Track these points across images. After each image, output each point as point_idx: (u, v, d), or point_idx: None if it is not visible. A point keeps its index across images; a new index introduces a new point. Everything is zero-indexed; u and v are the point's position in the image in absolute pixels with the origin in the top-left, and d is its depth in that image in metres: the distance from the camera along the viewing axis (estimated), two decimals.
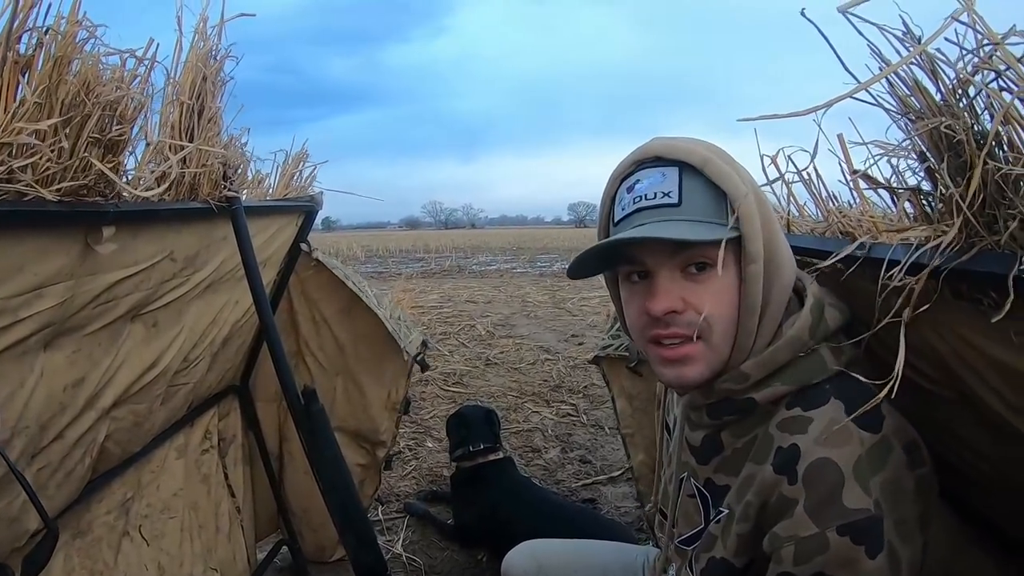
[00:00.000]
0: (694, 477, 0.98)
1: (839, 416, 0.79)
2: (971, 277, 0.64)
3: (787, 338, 0.85)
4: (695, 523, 0.97)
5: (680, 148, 0.86)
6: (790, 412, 0.83)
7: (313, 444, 1.39)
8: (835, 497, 0.75)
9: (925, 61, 0.67)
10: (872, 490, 0.74)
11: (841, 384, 0.83)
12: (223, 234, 1.38)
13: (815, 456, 0.77)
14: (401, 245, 31.34)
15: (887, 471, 0.76)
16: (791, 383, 0.84)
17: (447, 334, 7.07)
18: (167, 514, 1.71)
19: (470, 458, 2.81)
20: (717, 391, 0.89)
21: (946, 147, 0.65)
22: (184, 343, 1.44)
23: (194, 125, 1.19)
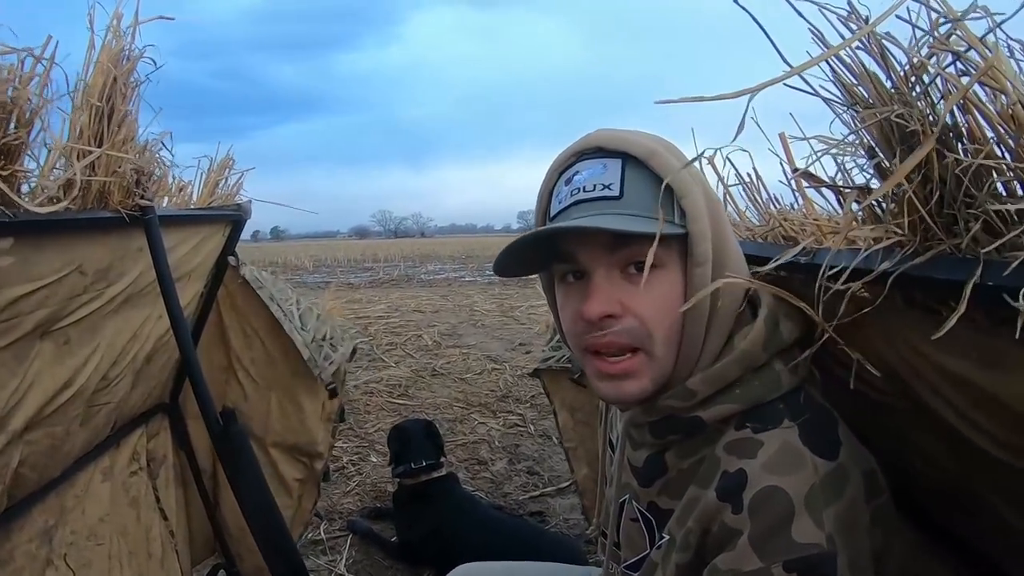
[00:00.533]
0: (636, 500, 0.91)
1: (792, 440, 0.72)
2: (926, 284, 0.58)
3: (738, 352, 0.77)
4: (640, 548, 0.90)
5: (624, 139, 0.79)
6: (739, 433, 0.76)
7: (234, 468, 1.33)
8: (783, 529, 0.67)
9: (873, 44, 0.60)
10: (825, 523, 0.67)
11: (795, 403, 0.77)
12: (138, 245, 1.29)
13: (763, 484, 0.70)
14: (350, 254, 31.08)
15: (842, 503, 0.69)
16: (741, 401, 0.77)
17: (393, 344, 6.97)
18: (94, 541, 1.60)
19: (412, 475, 2.75)
20: (660, 408, 0.82)
21: (898, 140, 0.59)
22: (102, 361, 1.36)
23: (103, 130, 1.13)
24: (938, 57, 0.56)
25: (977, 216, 0.53)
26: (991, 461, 0.63)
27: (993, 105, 0.53)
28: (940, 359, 0.62)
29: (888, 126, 0.60)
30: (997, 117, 0.53)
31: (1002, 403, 0.56)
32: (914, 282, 0.58)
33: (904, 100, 0.58)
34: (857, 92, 0.64)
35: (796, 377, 0.78)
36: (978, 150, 0.53)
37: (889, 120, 0.59)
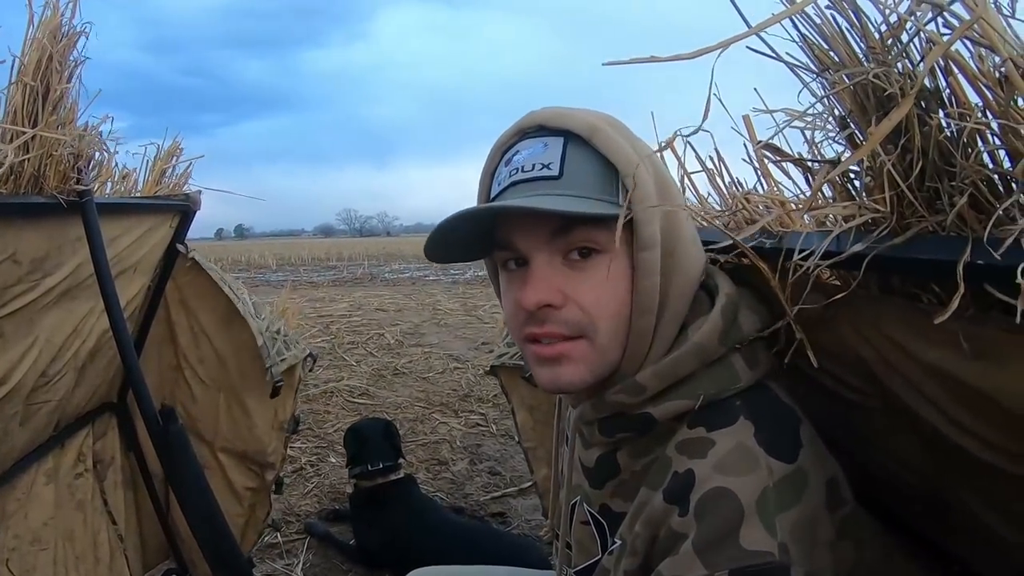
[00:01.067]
0: (587, 502, 0.85)
1: (746, 439, 0.66)
2: (906, 266, 0.53)
3: (691, 344, 0.71)
4: (591, 553, 0.84)
5: (567, 115, 0.73)
6: (692, 432, 0.70)
7: (173, 469, 1.27)
8: (731, 536, 0.61)
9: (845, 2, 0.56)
10: (778, 530, 0.61)
11: (754, 400, 0.71)
12: (79, 234, 1.23)
13: (712, 485, 0.64)
14: (314, 253, 30.74)
15: (799, 509, 0.63)
16: (694, 398, 0.71)
17: (355, 343, 6.90)
18: (38, 546, 1.54)
19: (369, 477, 2.68)
20: (609, 403, 0.76)
21: (875, 105, 0.54)
22: (40, 356, 1.29)
23: (38, 110, 1.07)
24: (917, 14, 0.51)
25: (963, 189, 0.48)
26: (972, 464, 0.59)
27: (979, 65, 0.49)
28: (919, 351, 0.57)
29: (863, 91, 0.55)
30: (983, 78, 0.48)
31: (990, 399, 0.51)
32: (892, 265, 0.54)
33: (881, 61, 0.54)
34: (828, 57, 0.59)
35: (756, 373, 0.73)
36: (963, 115, 0.48)
37: (864, 84, 0.54)
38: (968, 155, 0.48)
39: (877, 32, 0.55)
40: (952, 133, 0.50)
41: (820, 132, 0.64)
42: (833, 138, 0.63)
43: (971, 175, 0.48)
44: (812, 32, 0.59)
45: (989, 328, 0.48)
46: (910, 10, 0.51)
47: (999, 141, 0.48)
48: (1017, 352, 0.47)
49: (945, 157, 0.50)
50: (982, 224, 0.46)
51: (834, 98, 0.61)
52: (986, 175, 0.48)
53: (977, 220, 0.48)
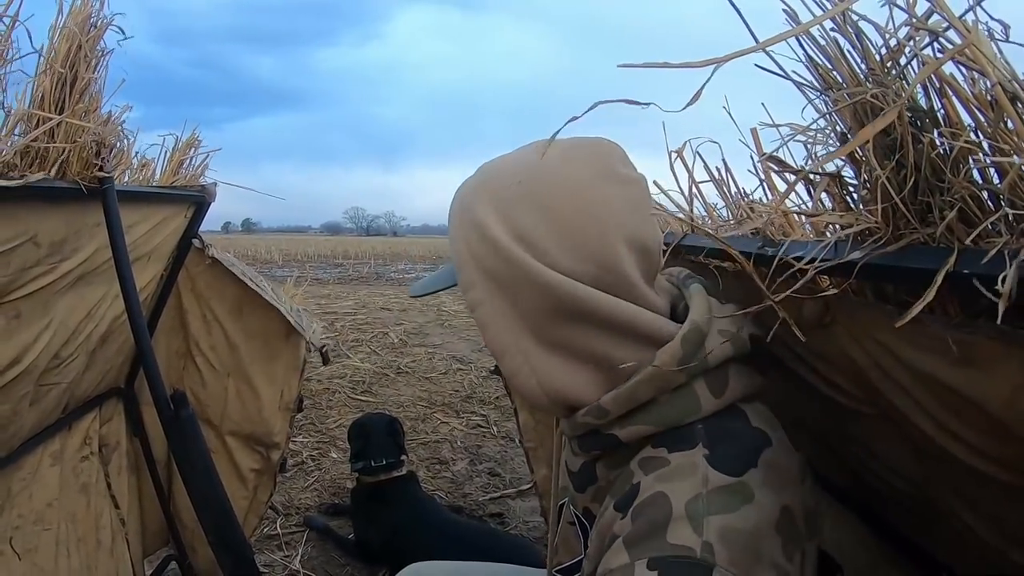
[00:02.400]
0: (573, 504, 0.91)
1: (696, 460, 0.69)
2: (898, 274, 0.55)
3: (648, 371, 0.73)
4: (575, 552, 0.90)
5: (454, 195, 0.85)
6: (654, 451, 0.73)
7: (183, 454, 1.29)
8: (658, 531, 0.64)
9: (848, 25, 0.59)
10: (705, 531, 0.62)
11: (715, 426, 0.73)
12: (96, 220, 1.25)
13: (650, 492, 0.68)
14: (321, 250, 30.72)
15: (734, 517, 0.63)
16: (655, 423, 0.74)
17: (359, 341, 6.91)
18: (41, 526, 1.55)
19: (371, 473, 2.71)
20: (580, 423, 0.80)
21: None
22: (53, 338, 1.31)
23: (65, 97, 1.09)
24: (916, 39, 0.54)
25: (952, 203, 0.51)
26: (960, 469, 0.61)
27: (971, 88, 0.52)
28: (912, 357, 0.60)
29: (862, 109, 0.58)
30: (974, 100, 0.51)
31: (976, 405, 0.53)
32: (886, 273, 0.56)
33: (879, 82, 0.57)
34: (831, 76, 0.62)
35: (722, 399, 0.74)
36: (955, 134, 0.51)
37: (864, 103, 0.57)
38: (958, 172, 0.51)
39: (878, 54, 0.58)
40: (944, 151, 0.52)
41: (822, 146, 0.68)
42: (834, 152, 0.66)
43: (961, 191, 0.50)
44: (817, 52, 0.62)
45: (975, 335, 0.50)
46: (908, 35, 0.55)
47: (988, 159, 0.51)
48: (1000, 358, 0.49)
49: (937, 173, 0.53)
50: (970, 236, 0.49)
51: (836, 115, 0.63)
52: (975, 191, 0.50)
53: (965, 233, 0.50)
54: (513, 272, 0.75)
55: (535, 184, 0.75)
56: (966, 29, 0.50)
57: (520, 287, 0.75)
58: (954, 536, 0.75)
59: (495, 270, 0.76)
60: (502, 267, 0.75)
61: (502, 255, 0.75)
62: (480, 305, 0.78)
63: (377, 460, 2.72)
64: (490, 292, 0.77)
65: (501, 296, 0.77)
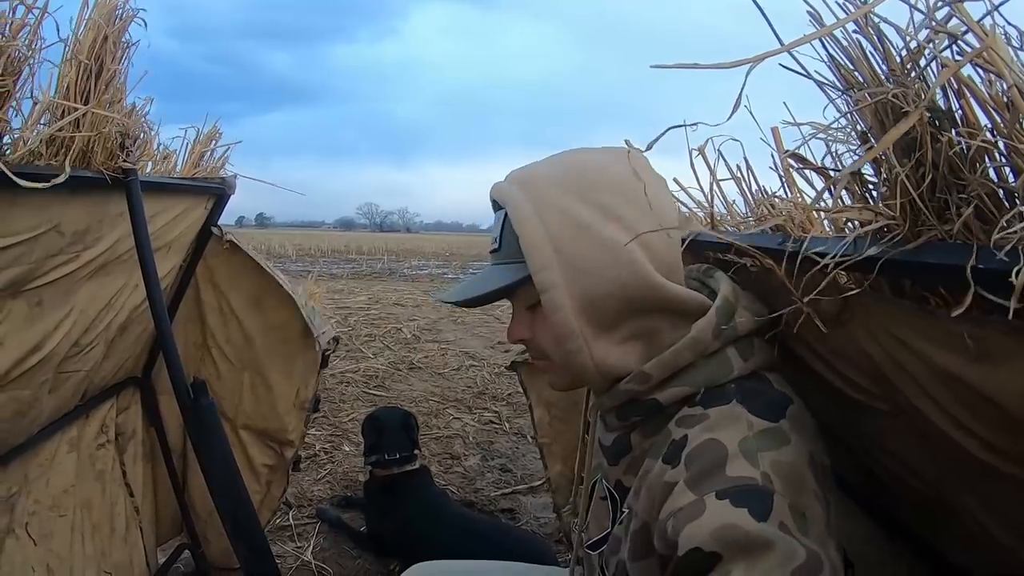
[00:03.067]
0: (606, 479, 0.95)
1: (735, 409, 0.76)
2: (916, 270, 0.57)
3: (688, 339, 0.81)
4: (604, 526, 0.94)
5: (498, 190, 0.88)
6: (691, 410, 0.80)
7: (202, 442, 1.30)
8: (717, 469, 0.69)
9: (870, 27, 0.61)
10: (761, 463, 0.69)
11: (747, 386, 0.80)
12: (119, 210, 1.27)
13: (700, 440, 0.74)
14: (334, 245, 30.82)
15: (780, 453, 0.70)
16: (693, 385, 0.81)
17: (372, 336, 6.93)
18: (56, 512, 1.58)
19: (385, 467, 2.71)
20: (622, 392, 0.86)
21: (892, 122, 0.59)
22: (74, 327, 1.33)
23: (91, 88, 1.10)
24: (935, 41, 0.56)
25: (969, 201, 0.53)
26: (971, 465, 0.62)
27: (988, 90, 0.53)
28: (927, 352, 0.61)
29: (883, 109, 0.60)
30: (991, 101, 0.53)
31: (989, 400, 0.54)
32: (904, 269, 0.58)
33: (900, 82, 0.58)
34: (853, 76, 0.64)
35: (750, 364, 0.82)
36: (972, 134, 0.53)
37: (884, 103, 0.59)
38: (975, 170, 0.53)
39: (898, 56, 0.60)
40: (961, 150, 0.54)
41: (842, 145, 0.70)
42: (854, 151, 0.68)
43: (977, 188, 0.52)
44: (839, 53, 0.64)
45: (989, 330, 0.52)
46: (928, 38, 0.56)
47: (1004, 159, 0.53)
48: (1014, 353, 0.50)
49: (954, 171, 0.54)
50: (986, 233, 0.51)
51: (857, 114, 0.65)
52: (991, 189, 0.52)
53: (982, 230, 0.52)
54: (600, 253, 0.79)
55: (604, 173, 0.82)
56: (984, 33, 0.52)
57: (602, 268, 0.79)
58: (966, 535, 0.75)
59: (575, 251, 0.80)
60: (586, 247, 0.80)
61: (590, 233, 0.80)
62: (553, 287, 0.80)
63: (391, 454, 2.72)
64: (564, 275, 0.80)
65: (575, 282, 0.80)
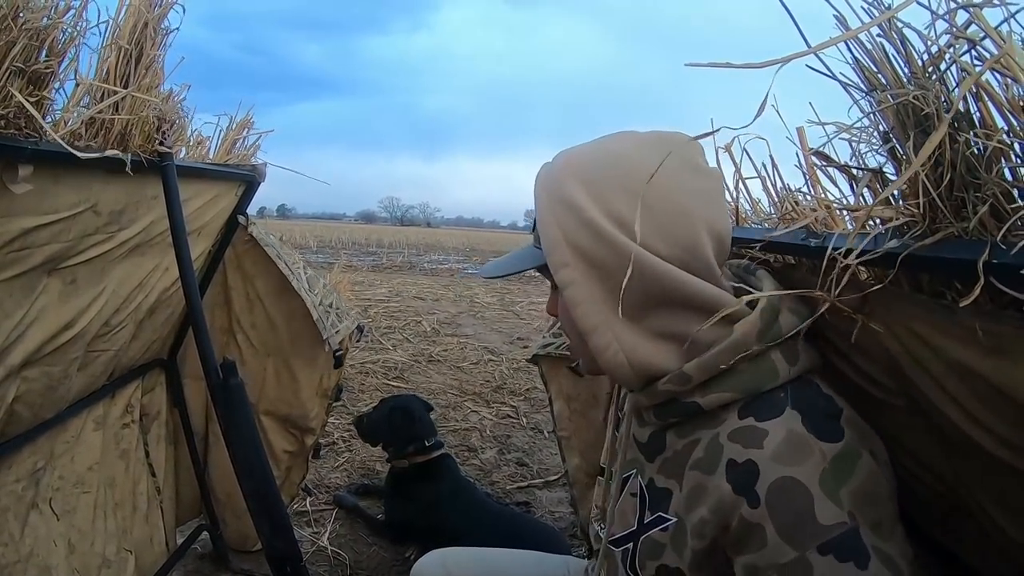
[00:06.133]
0: (640, 475, 0.94)
1: (796, 428, 0.74)
2: (934, 265, 0.59)
3: (730, 341, 0.79)
4: (628, 524, 0.93)
5: (537, 174, 0.89)
6: (743, 422, 0.78)
7: (229, 421, 1.32)
8: (807, 517, 0.69)
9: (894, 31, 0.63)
10: (844, 501, 0.69)
11: (797, 392, 0.78)
12: (154, 193, 1.30)
13: (776, 475, 0.71)
14: (355, 238, 30.91)
15: (855, 479, 0.70)
16: (737, 390, 0.79)
17: (392, 328, 6.97)
18: (80, 488, 1.61)
19: (425, 452, 2.71)
20: (660, 392, 0.85)
21: (913, 123, 0.61)
22: (105, 306, 1.36)
23: (130, 72, 1.12)
24: (955, 46, 0.58)
25: (985, 199, 0.55)
26: (987, 462, 0.63)
27: (1004, 93, 0.55)
28: (944, 346, 0.62)
29: (904, 110, 0.62)
30: (1008, 105, 0.55)
31: (1005, 394, 0.56)
32: (922, 264, 0.60)
33: (921, 84, 0.61)
34: (876, 79, 0.66)
35: (796, 367, 0.80)
36: (988, 135, 0.55)
37: (906, 104, 0.61)
38: (991, 170, 0.55)
39: (920, 59, 0.62)
40: (979, 151, 0.56)
41: (865, 144, 0.71)
42: (876, 150, 0.70)
43: (993, 188, 0.54)
44: (863, 55, 0.67)
45: (1004, 325, 0.54)
46: (948, 43, 0.59)
47: (1019, 159, 0.55)
48: None
49: (972, 171, 0.57)
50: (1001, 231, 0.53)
51: (879, 115, 0.67)
52: (1006, 188, 0.54)
53: (996, 227, 0.54)
54: (610, 253, 0.80)
55: (627, 172, 0.81)
56: (1001, 39, 0.54)
57: (615, 268, 0.79)
58: (979, 534, 0.76)
59: (590, 251, 0.81)
60: (598, 248, 0.81)
61: (600, 236, 0.80)
62: (573, 284, 0.82)
63: (429, 440, 2.73)
64: (583, 272, 0.82)
65: (595, 276, 0.82)
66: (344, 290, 3.09)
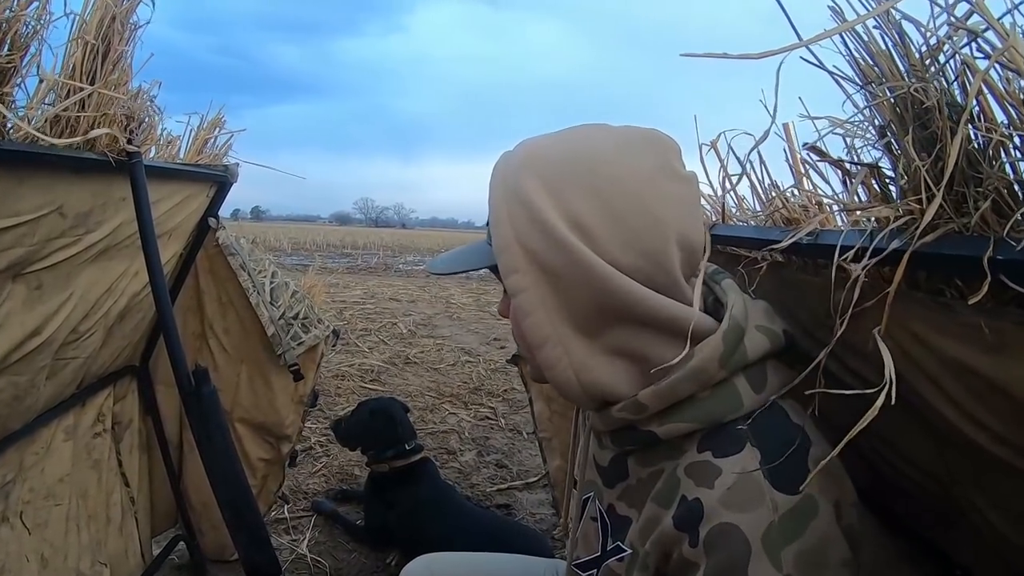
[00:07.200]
0: (599, 499, 0.90)
1: (751, 469, 0.68)
2: (934, 264, 0.57)
3: (689, 368, 0.72)
4: (592, 549, 0.88)
5: (496, 163, 0.82)
6: (700, 456, 0.73)
7: (203, 431, 1.28)
8: (739, 570, 0.64)
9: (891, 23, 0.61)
10: (784, 563, 0.64)
11: (762, 424, 0.72)
12: (122, 195, 1.25)
13: (720, 520, 0.67)
14: (329, 239, 30.75)
15: (804, 540, 0.65)
16: (696, 421, 0.73)
17: (368, 331, 6.93)
18: (52, 501, 1.56)
19: (404, 457, 2.67)
20: (615, 419, 0.79)
21: (912, 117, 0.59)
22: (73, 312, 1.31)
23: (97, 68, 1.08)
24: (954, 38, 0.57)
25: (987, 194, 0.54)
26: (983, 460, 0.62)
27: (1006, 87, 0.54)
28: (943, 345, 0.61)
29: (902, 104, 0.60)
30: (1009, 98, 0.54)
31: (1003, 391, 0.55)
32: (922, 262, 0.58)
33: (920, 77, 0.59)
34: (872, 71, 0.64)
35: (762, 395, 0.74)
36: (990, 129, 0.54)
37: (904, 97, 0.60)
38: (993, 165, 0.54)
39: (918, 52, 0.61)
40: (979, 145, 0.56)
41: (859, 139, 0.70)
42: (872, 145, 0.68)
43: (995, 182, 0.53)
44: (859, 48, 0.65)
45: (1005, 322, 0.53)
46: (948, 34, 0.58)
47: (1020, 153, 0.54)
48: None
49: (973, 166, 0.55)
50: (1003, 226, 0.52)
51: (875, 109, 0.66)
52: (1008, 182, 0.53)
53: (998, 223, 0.53)
54: (564, 261, 0.72)
55: (591, 170, 0.72)
56: (1005, 32, 0.53)
57: (569, 277, 0.72)
58: (972, 534, 0.75)
59: (544, 256, 0.73)
60: (552, 254, 0.72)
61: (554, 241, 0.72)
62: (523, 292, 0.75)
63: (409, 444, 2.69)
64: (535, 279, 0.74)
65: (546, 284, 0.74)
66: (319, 293, 3.06)
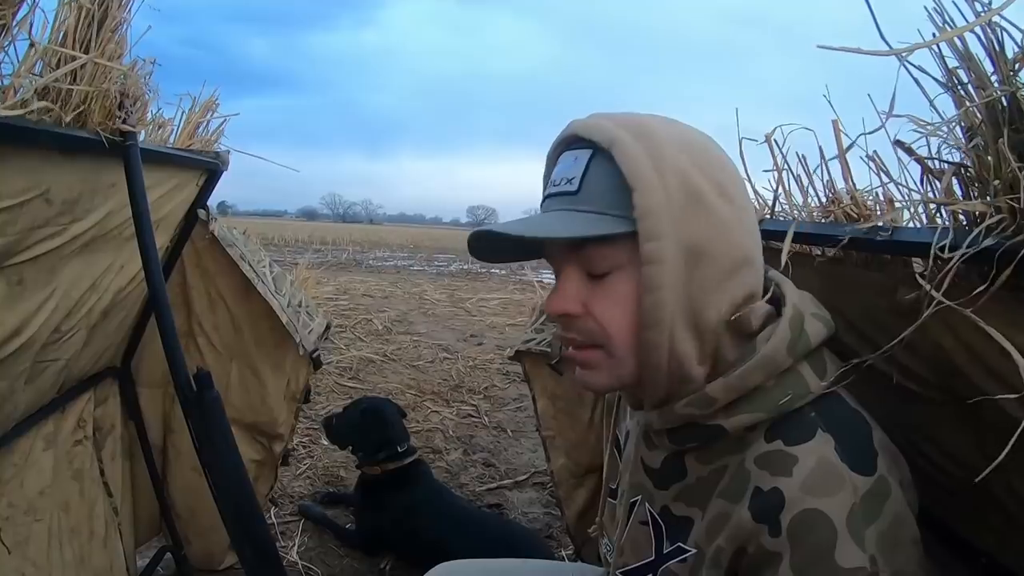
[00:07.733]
0: (649, 502, 0.86)
1: (828, 455, 0.67)
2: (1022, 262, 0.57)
3: (760, 357, 0.71)
4: (643, 554, 0.85)
5: (595, 127, 0.73)
6: (770, 445, 0.71)
7: (206, 439, 1.18)
8: (827, 555, 0.63)
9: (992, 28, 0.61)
10: (868, 544, 0.63)
11: (827, 411, 0.72)
12: (111, 181, 1.14)
13: (802, 506, 0.65)
14: (298, 235, 30.39)
15: (883, 520, 0.65)
16: (766, 410, 0.72)
17: (343, 327, 6.83)
18: (32, 516, 1.44)
19: (397, 459, 2.59)
20: (679, 415, 0.76)
21: (1006, 120, 0.60)
22: (56, 310, 1.18)
23: (92, 36, 0.97)
24: None
25: None
26: None
27: None
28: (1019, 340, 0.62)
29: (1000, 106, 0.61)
30: None
31: None
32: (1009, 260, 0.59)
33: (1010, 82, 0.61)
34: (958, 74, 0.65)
35: (825, 381, 0.73)
36: None
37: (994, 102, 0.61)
38: None
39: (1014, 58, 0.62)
40: None
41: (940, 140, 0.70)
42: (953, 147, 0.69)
43: None
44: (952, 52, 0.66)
45: None
46: None
47: None
48: None
49: None
50: None
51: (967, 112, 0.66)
52: None
53: None
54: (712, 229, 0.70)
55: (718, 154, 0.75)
56: None
57: (713, 246, 0.71)
58: (1001, 523, 0.76)
59: (692, 226, 0.70)
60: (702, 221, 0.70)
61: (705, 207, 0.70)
62: (660, 263, 0.69)
63: (402, 446, 2.62)
64: (675, 253, 0.69)
65: (683, 261, 0.70)
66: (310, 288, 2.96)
